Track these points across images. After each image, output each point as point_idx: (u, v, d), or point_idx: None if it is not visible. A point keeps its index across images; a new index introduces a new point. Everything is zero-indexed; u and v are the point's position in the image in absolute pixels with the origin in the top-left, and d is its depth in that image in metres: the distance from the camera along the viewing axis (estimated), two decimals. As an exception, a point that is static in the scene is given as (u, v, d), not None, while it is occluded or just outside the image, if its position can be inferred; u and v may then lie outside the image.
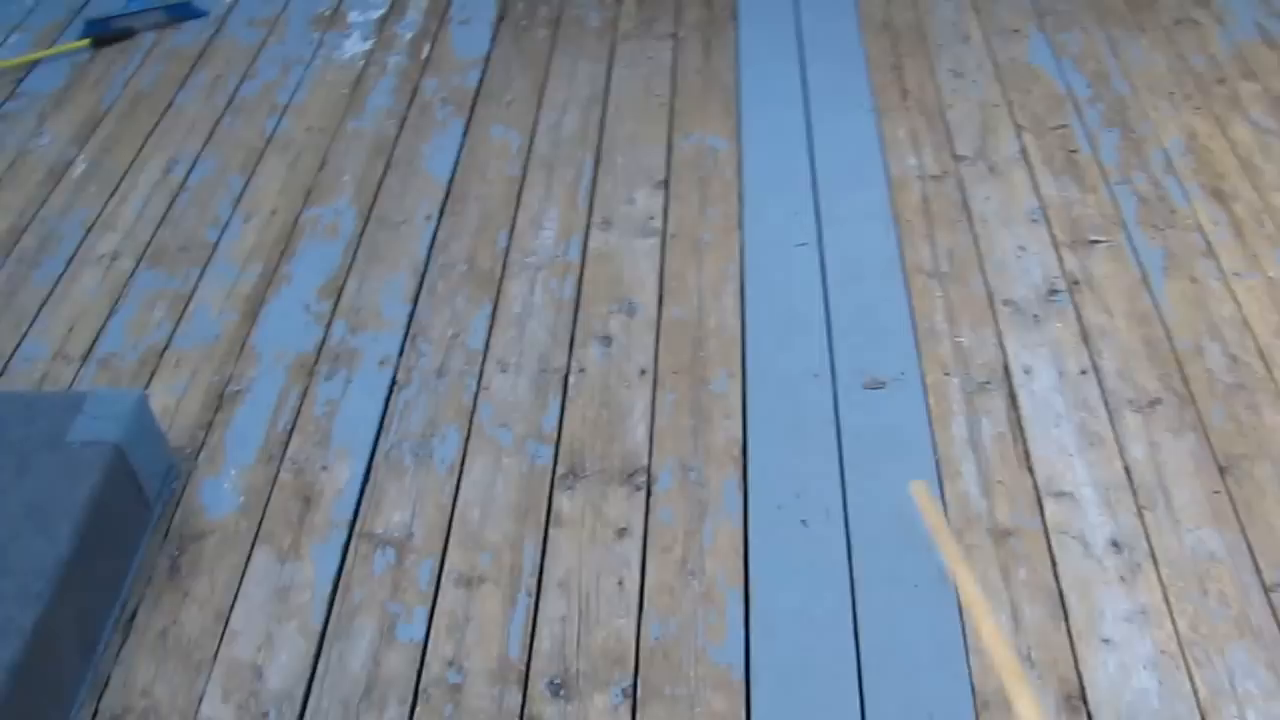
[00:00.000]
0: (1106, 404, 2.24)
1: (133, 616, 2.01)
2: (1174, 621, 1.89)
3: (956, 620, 1.91)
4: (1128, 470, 2.13)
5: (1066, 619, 1.91)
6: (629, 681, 1.87)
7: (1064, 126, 2.94)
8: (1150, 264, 2.53)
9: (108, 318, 2.60)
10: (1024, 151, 2.87)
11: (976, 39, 3.27)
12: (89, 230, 2.85)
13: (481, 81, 3.25)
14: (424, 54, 3.39)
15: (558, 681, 1.88)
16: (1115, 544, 2.01)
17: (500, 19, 3.52)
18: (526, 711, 1.84)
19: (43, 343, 2.54)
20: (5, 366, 2.49)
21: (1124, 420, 2.21)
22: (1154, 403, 2.24)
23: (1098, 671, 1.84)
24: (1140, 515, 2.05)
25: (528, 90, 3.20)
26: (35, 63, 3.49)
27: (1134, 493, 2.09)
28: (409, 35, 3.48)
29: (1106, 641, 1.87)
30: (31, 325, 2.59)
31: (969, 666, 1.85)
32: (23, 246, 2.82)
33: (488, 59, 3.35)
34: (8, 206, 2.94)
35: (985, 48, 3.24)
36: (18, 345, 2.54)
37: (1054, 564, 1.99)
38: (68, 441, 2.01)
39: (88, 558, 1.90)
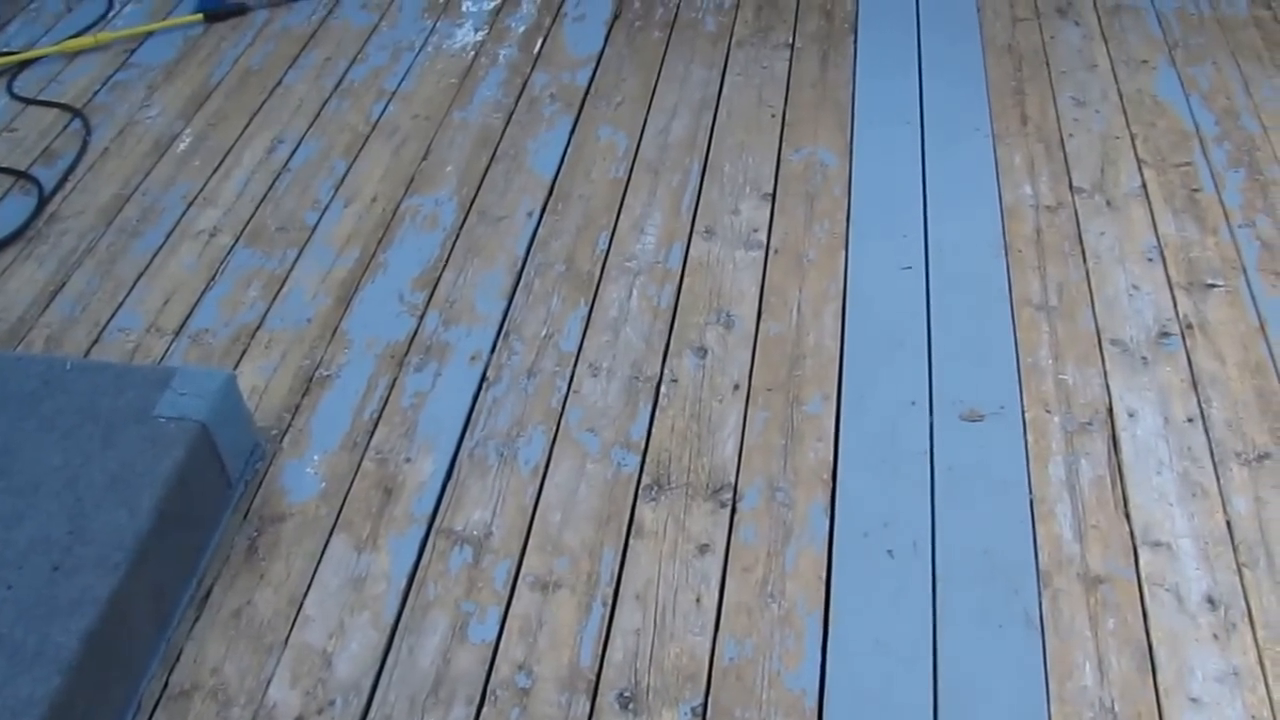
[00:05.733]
0: (1212, 454, 2.17)
1: (208, 594, 2.02)
2: (1268, 686, 1.82)
3: (1040, 667, 1.86)
4: (1230, 525, 2.05)
5: (1154, 674, 1.85)
6: (699, 700, 1.84)
7: (1187, 164, 2.84)
8: (1269, 312, 2.44)
9: (202, 293, 2.61)
10: (1144, 187, 2.78)
11: (1103, 68, 3.18)
12: (190, 205, 2.86)
13: (592, 80, 3.23)
14: (536, 48, 3.38)
15: (628, 694, 1.85)
16: (1211, 600, 1.94)
17: (615, 17, 3.49)
18: (593, 723, 1.82)
19: (137, 314, 2.56)
20: (99, 336, 2.51)
21: (1229, 472, 2.14)
22: (1263, 457, 2.16)
23: (1185, 732, 1.78)
24: (1239, 573, 1.98)
25: (638, 92, 3.17)
26: (148, 34, 3.52)
27: (1234, 549, 2.01)
28: (522, 28, 3.47)
29: (1194, 701, 1.81)
30: (127, 296, 2.61)
31: (1049, 715, 1.79)
32: (124, 216, 2.84)
33: (599, 58, 3.32)
34: (112, 176, 2.97)
35: (1111, 77, 3.15)
36: (112, 315, 2.56)
37: (1145, 616, 1.93)
38: (154, 416, 2.01)
39: (167, 533, 1.91)
